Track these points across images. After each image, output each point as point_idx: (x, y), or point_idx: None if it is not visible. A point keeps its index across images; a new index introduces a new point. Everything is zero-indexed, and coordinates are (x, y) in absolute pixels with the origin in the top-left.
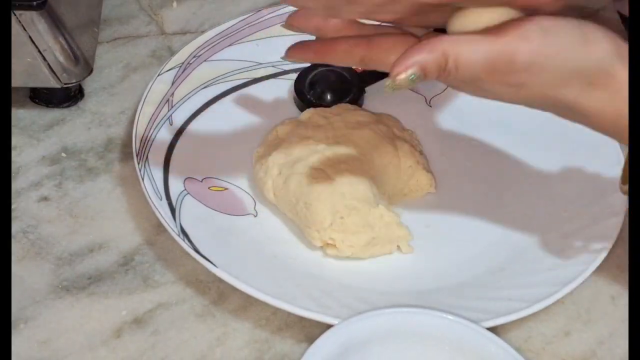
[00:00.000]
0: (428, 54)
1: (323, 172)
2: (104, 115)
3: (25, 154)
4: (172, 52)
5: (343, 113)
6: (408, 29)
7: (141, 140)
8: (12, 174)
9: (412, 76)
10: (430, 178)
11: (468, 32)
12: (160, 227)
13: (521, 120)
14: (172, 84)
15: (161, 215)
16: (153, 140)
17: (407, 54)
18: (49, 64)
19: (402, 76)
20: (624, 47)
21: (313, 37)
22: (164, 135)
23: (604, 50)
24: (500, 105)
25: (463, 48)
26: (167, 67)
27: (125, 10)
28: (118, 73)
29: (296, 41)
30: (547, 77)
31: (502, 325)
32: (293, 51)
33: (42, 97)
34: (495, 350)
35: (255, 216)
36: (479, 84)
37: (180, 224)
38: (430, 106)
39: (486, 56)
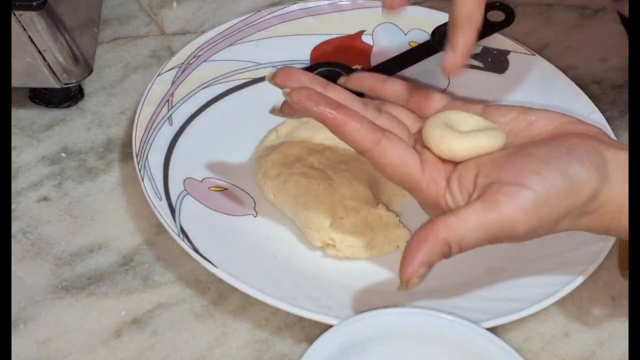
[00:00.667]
0: (431, 249)
1: (323, 173)
2: (103, 116)
3: (25, 154)
4: (172, 53)
5: None
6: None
7: (141, 141)
8: (12, 174)
9: (423, 274)
10: None
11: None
12: (160, 227)
13: None
14: (172, 84)
15: (161, 215)
16: (153, 141)
17: (410, 255)
18: (48, 64)
19: (414, 280)
20: (609, 154)
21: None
22: (164, 135)
23: (589, 184)
24: None
25: (462, 231)
26: (167, 67)
27: (125, 11)
28: (118, 73)
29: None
30: (544, 231)
31: (502, 326)
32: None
33: (42, 97)
34: (494, 350)
35: (255, 216)
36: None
37: (180, 224)
38: None
39: (487, 231)
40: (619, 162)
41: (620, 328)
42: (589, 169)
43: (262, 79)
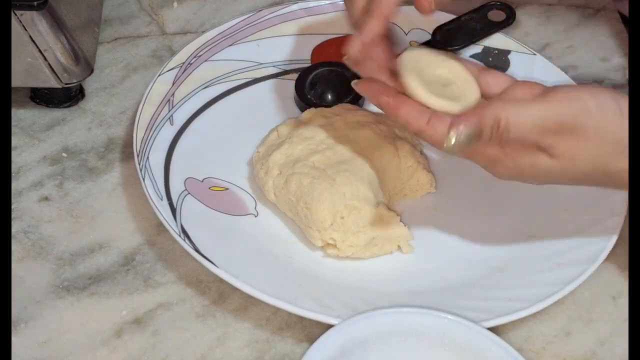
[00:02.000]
0: (482, 116)
1: (324, 172)
2: (104, 115)
3: (26, 154)
4: (173, 52)
5: (344, 113)
6: None
7: (142, 140)
8: (13, 174)
9: (471, 133)
10: (430, 178)
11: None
12: (160, 227)
13: None
14: (173, 84)
15: (162, 215)
16: (154, 140)
17: (464, 114)
18: (49, 64)
19: (461, 132)
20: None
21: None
22: (165, 135)
23: None
24: None
25: (513, 110)
26: (168, 67)
27: (126, 11)
28: (119, 73)
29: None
30: (592, 146)
31: (503, 325)
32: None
33: (43, 97)
34: (495, 350)
35: (255, 216)
36: (524, 153)
37: (180, 224)
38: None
39: (535, 117)
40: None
41: (620, 327)
42: None
43: (262, 79)
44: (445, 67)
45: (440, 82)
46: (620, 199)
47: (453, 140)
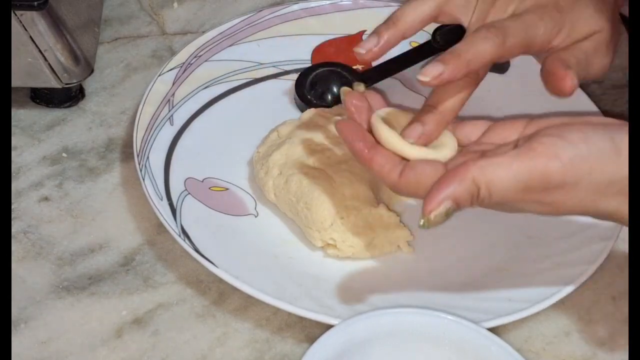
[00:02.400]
0: (458, 185)
1: (324, 173)
2: (104, 116)
3: (26, 154)
4: (173, 52)
5: (344, 113)
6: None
7: (142, 141)
8: (13, 174)
9: (448, 210)
10: None
11: (496, 155)
12: (160, 227)
13: None
14: (173, 84)
15: (162, 215)
16: (154, 141)
17: (436, 188)
18: (49, 64)
19: (436, 212)
20: None
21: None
22: (165, 135)
23: None
24: (499, 106)
25: (494, 173)
26: (168, 67)
27: (126, 11)
28: (119, 73)
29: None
30: (583, 193)
31: (503, 326)
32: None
33: (43, 97)
34: (495, 350)
35: (256, 216)
36: (513, 204)
37: (180, 224)
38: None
39: (518, 179)
40: None
41: (621, 328)
42: None
43: (263, 79)
44: None
45: None
46: None
47: (427, 222)
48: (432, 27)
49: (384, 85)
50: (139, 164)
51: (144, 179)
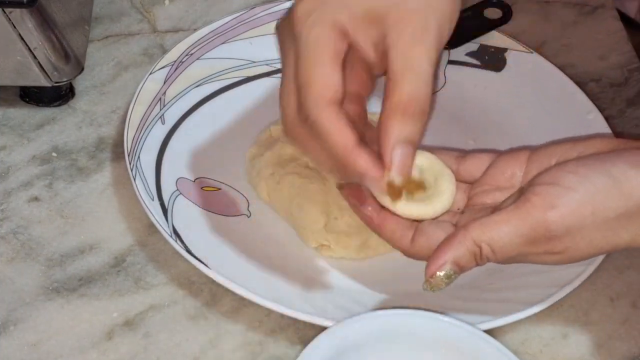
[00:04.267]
0: (458, 247)
1: (317, 173)
2: (95, 115)
3: (15, 154)
4: (164, 50)
5: None
6: None
7: (133, 140)
8: (2, 174)
9: (449, 273)
10: None
11: (496, 212)
12: (152, 228)
13: (521, 122)
14: (164, 82)
15: (153, 215)
16: (145, 140)
17: (438, 252)
18: (39, 62)
19: (438, 275)
20: None
21: None
22: (156, 134)
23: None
24: (499, 107)
25: (493, 232)
26: (159, 65)
27: (117, 8)
28: (109, 71)
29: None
30: (592, 234)
31: (500, 328)
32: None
33: (33, 96)
34: (492, 352)
35: (248, 217)
36: (523, 258)
37: (172, 224)
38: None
39: (519, 234)
40: None
41: (619, 330)
42: (636, 164)
43: (255, 78)
44: (419, 157)
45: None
46: None
47: (429, 286)
48: None
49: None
50: (130, 164)
51: (135, 179)
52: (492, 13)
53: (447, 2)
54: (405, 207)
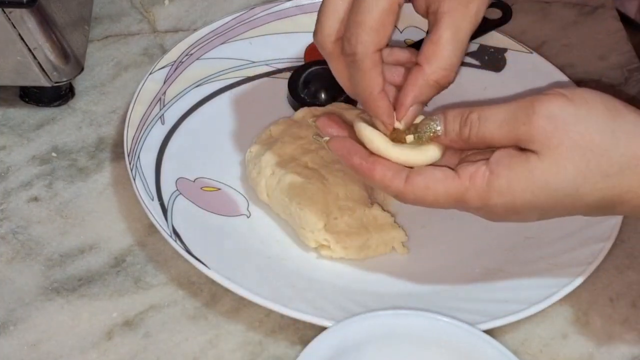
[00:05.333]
0: (446, 111)
1: (317, 172)
2: (95, 115)
3: (15, 154)
4: (164, 50)
5: (337, 112)
6: None
7: (133, 140)
8: (2, 174)
9: (434, 118)
10: None
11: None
12: (151, 228)
13: None
14: (164, 82)
15: (153, 215)
16: (145, 140)
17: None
18: (39, 63)
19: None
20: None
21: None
22: (156, 134)
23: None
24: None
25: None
26: (159, 65)
27: (117, 8)
28: (109, 71)
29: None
30: (570, 153)
31: (499, 328)
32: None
33: (32, 96)
34: (491, 352)
35: (248, 217)
36: (515, 160)
37: (172, 224)
38: (427, 105)
39: (507, 109)
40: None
41: (619, 330)
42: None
43: (255, 78)
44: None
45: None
46: None
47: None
48: (427, 25)
49: None
50: (130, 164)
51: (134, 179)
52: (492, 13)
53: None
54: (401, 153)
